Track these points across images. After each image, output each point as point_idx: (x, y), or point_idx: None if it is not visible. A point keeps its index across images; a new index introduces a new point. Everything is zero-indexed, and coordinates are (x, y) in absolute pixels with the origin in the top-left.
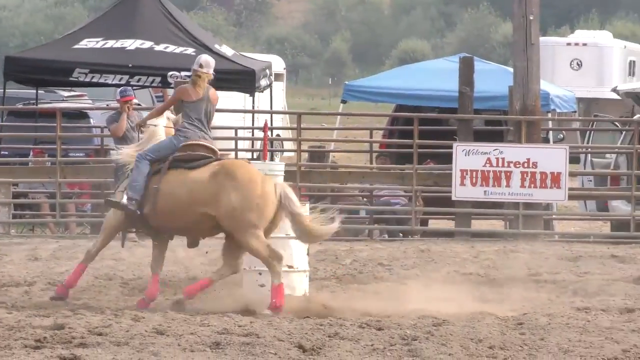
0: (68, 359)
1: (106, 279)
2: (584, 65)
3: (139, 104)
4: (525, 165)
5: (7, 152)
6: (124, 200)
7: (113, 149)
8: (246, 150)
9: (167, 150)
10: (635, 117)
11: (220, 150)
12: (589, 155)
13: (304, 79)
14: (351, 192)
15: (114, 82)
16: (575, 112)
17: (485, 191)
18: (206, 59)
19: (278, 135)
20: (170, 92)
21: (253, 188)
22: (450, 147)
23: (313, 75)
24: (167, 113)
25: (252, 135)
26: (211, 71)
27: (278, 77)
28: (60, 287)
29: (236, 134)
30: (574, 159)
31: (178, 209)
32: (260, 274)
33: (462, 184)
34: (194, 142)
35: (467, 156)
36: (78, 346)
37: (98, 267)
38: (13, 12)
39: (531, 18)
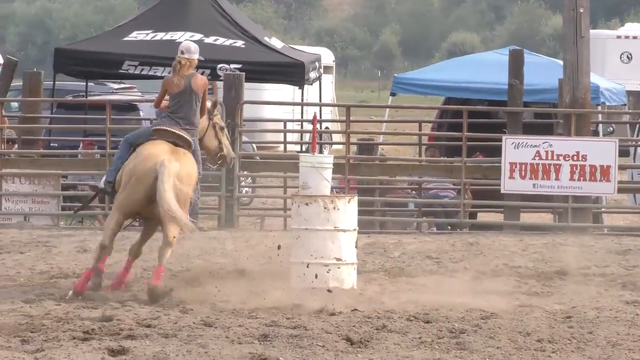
0: (116, 351)
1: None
2: (634, 58)
3: None
4: (575, 158)
5: (56, 144)
6: (101, 183)
7: None
8: (295, 143)
9: (145, 135)
10: None
11: (269, 142)
12: (639, 148)
13: (353, 72)
14: (400, 185)
15: (163, 75)
16: (625, 105)
17: (534, 184)
18: (187, 44)
19: (327, 127)
20: (219, 84)
21: (130, 161)
22: (500, 140)
23: (362, 68)
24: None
25: (301, 127)
26: (194, 56)
27: (327, 69)
28: (115, 284)
29: (285, 126)
30: (623, 152)
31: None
32: (307, 266)
33: (511, 176)
34: (161, 127)
35: (516, 149)
36: (126, 338)
37: (147, 259)
38: (63, 4)
39: (581, 11)
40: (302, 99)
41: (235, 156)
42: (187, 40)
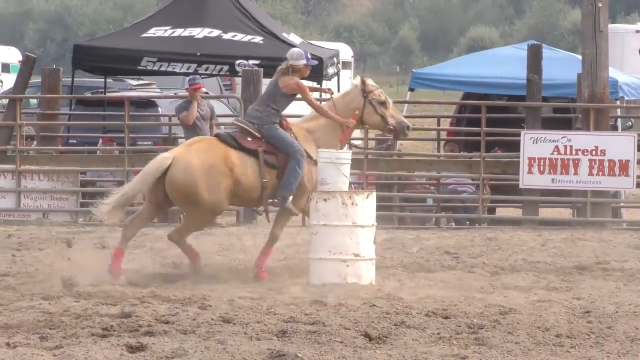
0: (134, 347)
1: (173, 267)
2: None
3: (207, 93)
4: (594, 153)
5: (75, 141)
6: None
7: (181, 138)
8: None
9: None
10: None
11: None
12: None
13: (371, 67)
14: (418, 180)
15: (181, 71)
16: None
17: (553, 179)
18: (290, 51)
19: None
20: (238, 80)
21: None
22: (518, 134)
23: (381, 63)
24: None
25: None
26: (297, 62)
27: (346, 65)
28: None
29: None
30: None
31: None
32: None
33: (530, 171)
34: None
35: (535, 144)
36: (145, 334)
37: (165, 256)
38: (82, 0)
39: (600, 5)
40: (320, 95)
41: (409, 125)
42: (294, 48)
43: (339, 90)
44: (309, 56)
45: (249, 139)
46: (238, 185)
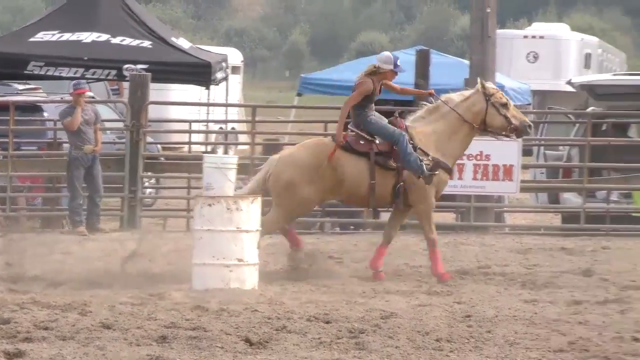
0: (12, 354)
1: (55, 273)
2: (540, 57)
3: (92, 97)
4: (478, 157)
5: None
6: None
7: (66, 143)
8: (200, 143)
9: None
10: (588, 110)
11: (174, 143)
12: (542, 147)
13: (262, 72)
14: None
15: (68, 75)
16: (529, 104)
17: None
18: (381, 53)
19: (233, 128)
20: (126, 85)
21: None
22: None
23: (271, 68)
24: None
25: (207, 128)
26: (381, 65)
27: (235, 69)
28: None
29: (190, 127)
30: (527, 151)
31: None
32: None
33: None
34: None
35: None
36: (23, 341)
37: (46, 261)
38: None
39: (488, 11)
40: (208, 100)
41: (531, 123)
42: (386, 51)
43: (227, 95)
44: (399, 63)
45: (362, 142)
46: (341, 184)
